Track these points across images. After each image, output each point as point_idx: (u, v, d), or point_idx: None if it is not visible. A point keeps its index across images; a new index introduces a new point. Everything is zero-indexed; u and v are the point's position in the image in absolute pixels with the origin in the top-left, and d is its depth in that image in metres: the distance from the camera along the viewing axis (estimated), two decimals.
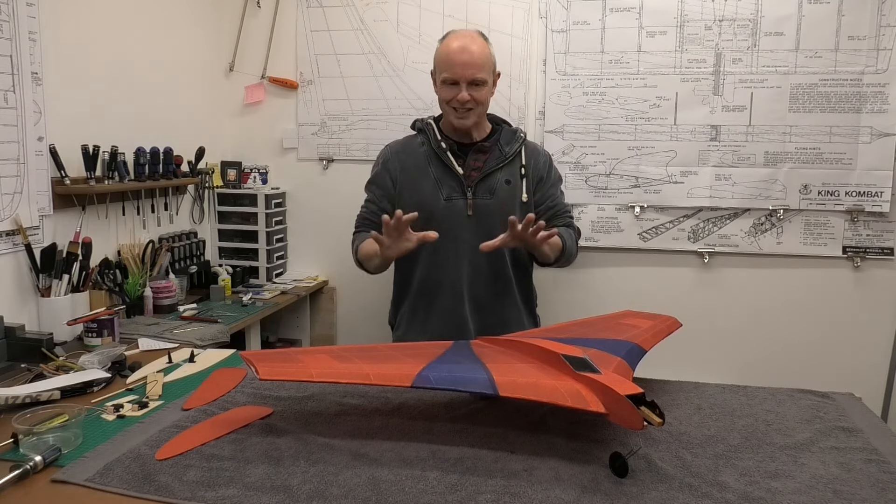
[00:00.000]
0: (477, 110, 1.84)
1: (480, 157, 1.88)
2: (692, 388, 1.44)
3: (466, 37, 1.82)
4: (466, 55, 1.77)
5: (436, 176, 1.87)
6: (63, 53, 2.07)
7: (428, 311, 1.91)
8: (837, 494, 0.98)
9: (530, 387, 1.10)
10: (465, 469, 1.03)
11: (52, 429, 1.12)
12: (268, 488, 0.97)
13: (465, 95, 1.79)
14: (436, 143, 1.88)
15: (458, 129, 1.87)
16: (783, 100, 2.55)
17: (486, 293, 1.89)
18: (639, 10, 2.62)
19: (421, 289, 1.92)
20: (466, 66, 1.77)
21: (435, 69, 1.88)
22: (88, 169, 2.13)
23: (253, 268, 2.90)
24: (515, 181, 1.89)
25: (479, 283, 1.88)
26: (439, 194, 1.86)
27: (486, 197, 1.85)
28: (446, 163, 1.87)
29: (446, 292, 1.88)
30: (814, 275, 2.64)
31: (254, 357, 1.22)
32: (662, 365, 1.72)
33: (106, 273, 2.15)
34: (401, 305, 2.01)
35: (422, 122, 1.97)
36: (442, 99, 1.85)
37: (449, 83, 1.80)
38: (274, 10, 2.93)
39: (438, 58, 1.85)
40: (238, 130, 3.05)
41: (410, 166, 1.90)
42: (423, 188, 1.87)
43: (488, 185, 1.86)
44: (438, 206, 1.85)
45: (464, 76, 1.78)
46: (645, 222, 2.73)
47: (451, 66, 1.78)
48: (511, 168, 1.90)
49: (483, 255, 1.81)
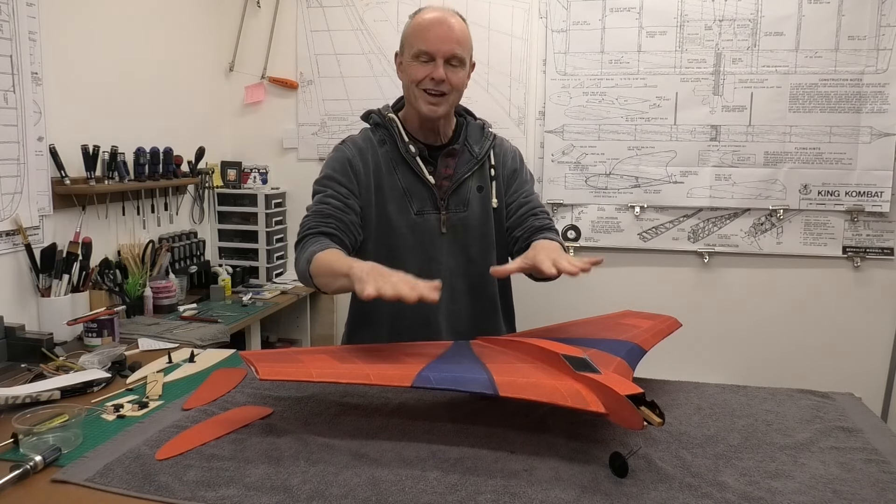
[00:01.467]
0: (450, 97, 1.53)
1: (450, 161, 1.58)
2: (692, 388, 1.44)
3: (443, 11, 1.54)
4: (445, 27, 1.50)
5: (403, 185, 1.56)
6: (63, 53, 2.07)
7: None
8: (837, 494, 0.98)
9: (530, 387, 1.10)
10: (465, 469, 1.03)
11: (52, 429, 1.12)
12: (268, 488, 0.97)
13: (442, 73, 1.48)
14: (403, 146, 1.57)
15: (425, 121, 1.57)
16: (783, 100, 2.56)
17: (466, 321, 1.61)
18: (639, 10, 2.62)
19: (385, 318, 1.59)
20: (444, 39, 1.49)
21: (402, 47, 1.57)
22: (88, 169, 2.13)
23: (253, 268, 2.90)
24: (486, 186, 1.62)
25: (457, 310, 1.60)
26: (409, 207, 1.55)
27: (460, 210, 1.58)
28: (415, 170, 1.56)
29: (418, 324, 1.56)
30: (814, 275, 2.64)
31: (254, 357, 1.22)
32: (662, 365, 1.72)
33: (106, 273, 2.15)
34: (357, 333, 1.65)
35: (380, 116, 1.62)
36: (411, 79, 1.52)
37: (422, 59, 1.50)
38: (274, 10, 2.93)
39: (409, 32, 1.55)
40: (238, 130, 3.05)
41: (374, 170, 1.57)
42: (388, 199, 1.55)
43: (461, 195, 1.59)
44: (408, 222, 1.55)
45: (440, 50, 1.48)
46: (645, 222, 2.73)
47: (426, 38, 1.49)
48: (481, 172, 1.62)
49: (461, 276, 1.60)
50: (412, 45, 1.52)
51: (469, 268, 1.61)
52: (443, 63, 1.49)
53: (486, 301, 1.65)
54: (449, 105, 1.55)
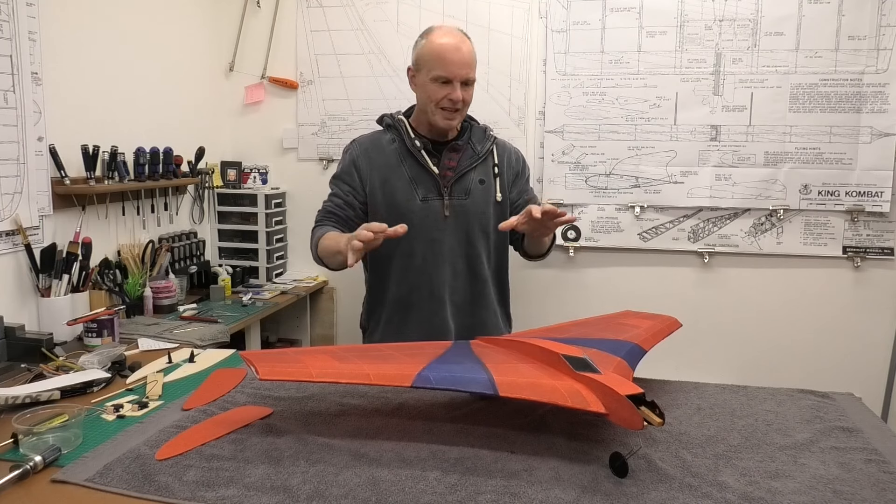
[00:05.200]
0: (463, 111, 1.79)
1: (454, 155, 1.81)
2: (692, 388, 1.44)
3: (456, 34, 1.76)
4: (460, 54, 1.72)
5: (410, 175, 1.78)
6: (63, 53, 2.07)
7: (406, 316, 1.83)
8: (837, 494, 0.98)
9: (530, 387, 1.10)
10: (465, 469, 1.03)
11: (52, 429, 1.12)
12: (268, 488, 0.97)
13: (459, 94, 1.72)
14: (410, 141, 1.79)
15: (437, 128, 1.79)
16: (783, 100, 2.56)
17: (465, 296, 1.83)
18: (639, 10, 2.62)
19: (398, 294, 1.83)
20: (461, 65, 1.72)
21: (419, 65, 1.77)
22: (88, 169, 2.13)
23: (253, 268, 2.90)
24: (489, 181, 1.83)
25: (458, 286, 1.82)
26: (415, 195, 1.77)
27: (461, 197, 1.79)
28: (421, 162, 1.78)
29: (425, 297, 1.80)
30: (814, 275, 2.64)
31: (254, 357, 1.22)
32: (662, 365, 1.72)
33: (106, 273, 2.15)
34: (374, 311, 1.90)
35: (391, 119, 1.86)
36: (429, 97, 1.75)
37: (441, 81, 1.72)
38: (274, 10, 2.93)
39: (425, 54, 1.75)
40: (238, 130, 3.05)
41: (381, 165, 1.80)
42: (396, 188, 1.78)
43: (463, 185, 1.80)
44: (414, 207, 1.77)
45: (458, 75, 1.72)
46: (645, 222, 2.73)
47: (446, 64, 1.71)
48: (484, 167, 1.83)
49: (461, 257, 1.80)
50: (431, 68, 1.74)
51: (468, 249, 1.82)
52: (459, 86, 1.73)
53: (480, 281, 1.86)
54: (461, 117, 1.82)
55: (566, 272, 2.84)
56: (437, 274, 1.80)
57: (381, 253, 1.73)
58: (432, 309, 1.80)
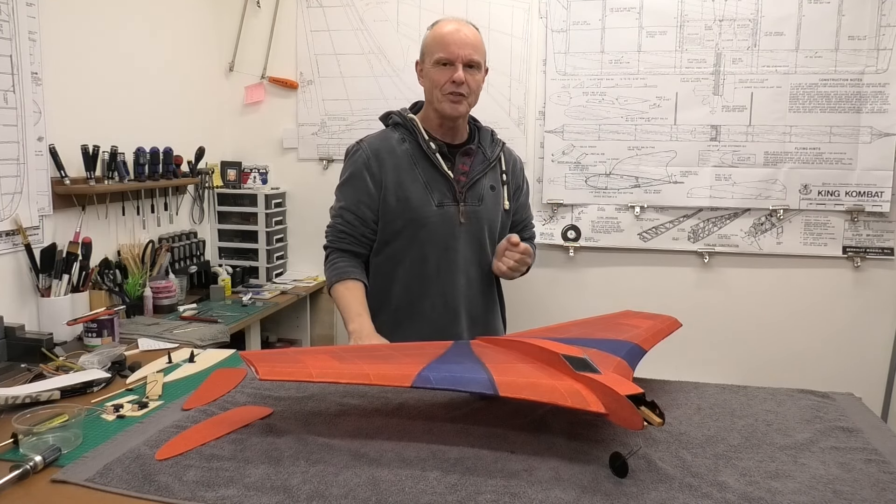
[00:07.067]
0: (469, 99, 1.68)
1: (466, 160, 1.74)
2: (692, 388, 1.44)
3: (459, 21, 1.71)
4: (462, 35, 1.66)
5: (424, 180, 1.68)
6: (63, 53, 2.07)
7: (413, 326, 1.71)
8: (837, 494, 0.98)
9: (530, 387, 1.10)
10: (465, 469, 1.03)
11: (52, 429, 1.12)
12: (268, 488, 0.97)
13: (461, 74, 1.63)
14: (424, 143, 1.70)
15: (445, 121, 1.71)
16: (783, 100, 2.56)
17: (480, 306, 1.77)
18: (639, 10, 2.62)
19: (404, 302, 1.72)
20: (461, 45, 1.64)
21: (423, 56, 1.71)
22: (88, 169, 2.13)
23: (253, 268, 2.90)
24: (498, 188, 1.78)
25: (473, 295, 1.75)
26: (430, 200, 1.68)
27: (475, 203, 1.72)
28: (436, 165, 1.69)
29: (438, 307, 1.71)
30: (814, 275, 2.64)
31: (254, 357, 1.21)
32: (662, 365, 1.72)
33: (106, 273, 2.15)
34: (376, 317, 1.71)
35: (400, 117, 1.76)
36: (433, 83, 1.67)
37: (442, 64, 1.65)
38: (274, 10, 2.93)
39: (429, 42, 1.70)
40: (238, 130, 3.05)
41: (393, 167, 1.69)
42: (411, 192, 1.68)
43: (476, 191, 1.73)
44: (429, 213, 1.68)
45: (460, 56, 1.64)
46: (645, 222, 2.73)
47: (446, 45, 1.64)
48: (493, 174, 1.78)
49: (475, 265, 1.74)
50: (433, 53, 1.67)
51: (481, 257, 1.76)
52: (461, 67, 1.65)
53: (491, 290, 1.82)
54: (468, 105, 1.70)
55: (566, 272, 2.84)
56: (450, 282, 1.71)
57: (390, 256, 1.71)
58: (446, 320, 1.71)
